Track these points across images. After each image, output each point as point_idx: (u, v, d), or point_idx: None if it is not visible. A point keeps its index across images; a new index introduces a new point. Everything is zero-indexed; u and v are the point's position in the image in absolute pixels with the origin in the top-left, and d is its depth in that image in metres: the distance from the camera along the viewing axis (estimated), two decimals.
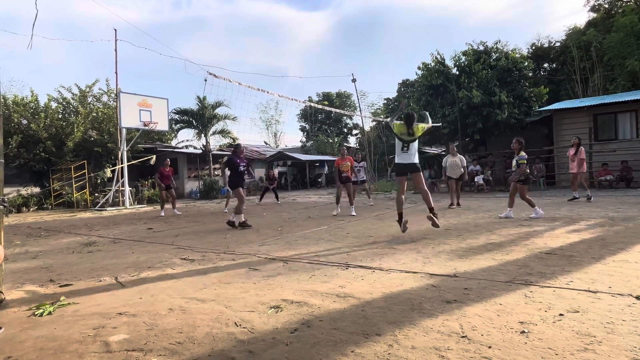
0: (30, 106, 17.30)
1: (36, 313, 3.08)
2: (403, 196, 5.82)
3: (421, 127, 5.80)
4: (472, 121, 16.24)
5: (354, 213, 9.14)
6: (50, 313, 3.07)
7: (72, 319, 2.93)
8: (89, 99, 18.87)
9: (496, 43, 17.51)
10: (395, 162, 5.89)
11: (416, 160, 5.80)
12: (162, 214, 11.32)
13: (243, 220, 7.76)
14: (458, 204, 10.08)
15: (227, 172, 8.10)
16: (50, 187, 16.70)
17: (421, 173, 5.88)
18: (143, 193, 17.16)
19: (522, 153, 7.48)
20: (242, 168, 8.00)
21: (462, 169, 10.35)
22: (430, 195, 5.83)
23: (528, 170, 7.65)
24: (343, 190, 9.68)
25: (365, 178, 11.79)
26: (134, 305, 3.16)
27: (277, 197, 15.27)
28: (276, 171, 21.24)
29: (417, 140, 5.80)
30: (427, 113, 6.50)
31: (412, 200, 12.81)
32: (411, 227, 6.92)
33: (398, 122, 5.87)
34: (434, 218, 5.63)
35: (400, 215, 5.76)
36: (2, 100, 5.27)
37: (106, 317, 2.90)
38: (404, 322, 2.58)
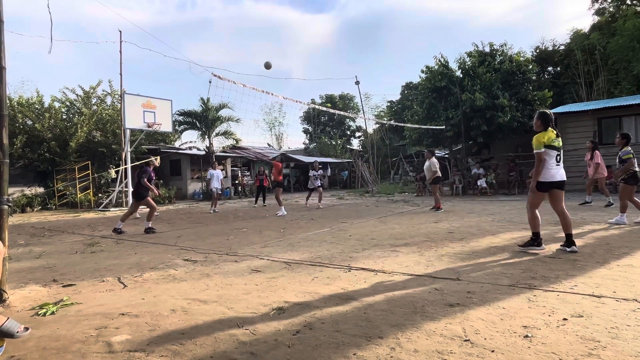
0: (35, 107, 17.40)
1: (39, 313, 3.09)
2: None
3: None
4: (476, 124, 16.22)
5: (279, 214, 10.33)
6: (53, 313, 3.09)
7: (74, 319, 2.94)
8: (93, 100, 18.96)
9: (502, 45, 17.49)
10: (550, 178, 4.66)
11: None
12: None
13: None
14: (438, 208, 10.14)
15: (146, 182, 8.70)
16: (54, 188, 16.76)
17: None
18: None
19: (627, 147, 6.76)
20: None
21: (433, 172, 10.50)
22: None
23: (637, 168, 6.69)
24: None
25: (320, 184, 13.29)
26: (136, 306, 3.17)
27: (263, 199, 14.17)
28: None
29: None
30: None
31: (415, 203, 12.78)
32: (413, 228, 6.91)
33: (542, 131, 4.75)
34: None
35: (537, 235, 4.73)
36: (7, 100, 5.30)
37: (109, 318, 2.91)
38: (407, 325, 2.57)
